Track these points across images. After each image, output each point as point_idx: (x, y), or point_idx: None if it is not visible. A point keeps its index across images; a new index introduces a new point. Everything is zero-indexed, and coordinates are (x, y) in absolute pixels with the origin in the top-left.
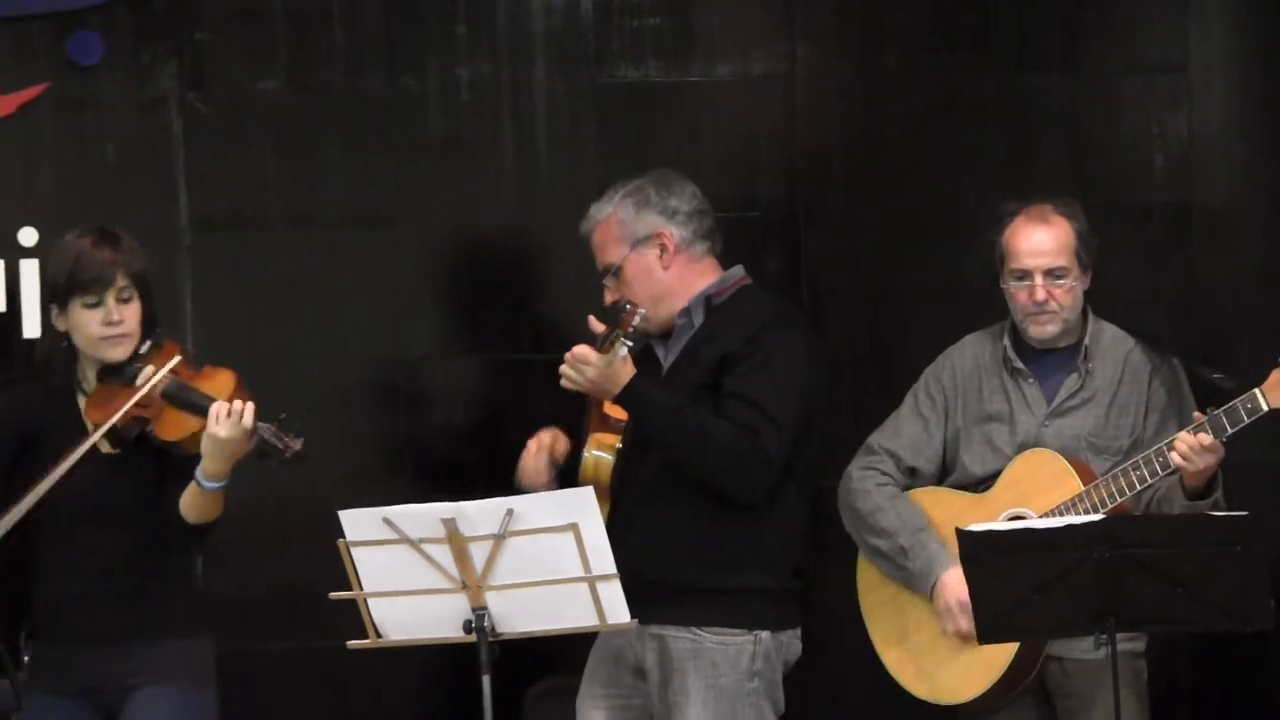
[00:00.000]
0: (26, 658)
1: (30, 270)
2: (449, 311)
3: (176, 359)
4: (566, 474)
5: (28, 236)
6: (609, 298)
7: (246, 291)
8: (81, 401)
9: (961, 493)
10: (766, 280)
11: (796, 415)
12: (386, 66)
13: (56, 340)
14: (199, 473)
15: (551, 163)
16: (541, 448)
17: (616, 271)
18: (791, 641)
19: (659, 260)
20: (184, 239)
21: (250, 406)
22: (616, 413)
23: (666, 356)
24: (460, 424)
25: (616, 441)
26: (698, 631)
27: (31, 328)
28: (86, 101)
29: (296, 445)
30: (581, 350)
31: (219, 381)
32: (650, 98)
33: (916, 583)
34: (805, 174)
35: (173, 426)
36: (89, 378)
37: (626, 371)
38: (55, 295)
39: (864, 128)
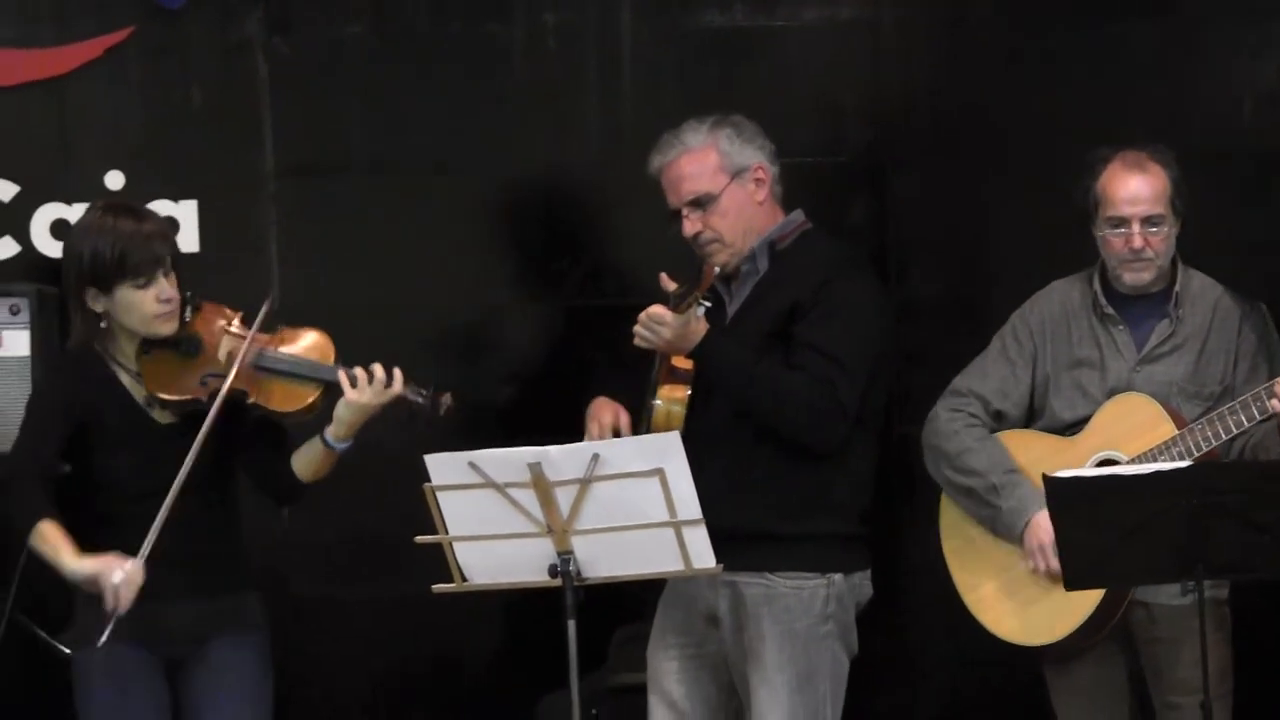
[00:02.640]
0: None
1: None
2: (530, 258)
3: (251, 331)
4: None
5: (114, 180)
6: (689, 229)
7: (330, 237)
8: (125, 378)
9: (1050, 435)
10: (851, 226)
11: (868, 363)
12: (472, 12)
13: (94, 322)
14: (329, 435)
15: (635, 109)
16: (604, 429)
17: (709, 201)
18: (863, 583)
19: (754, 194)
20: (269, 185)
21: (398, 373)
22: (684, 364)
23: (731, 302)
24: (541, 370)
25: (686, 392)
26: (770, 577)
27: None
28: (172, 46)
29: (447, 400)
30: (656, 311)
31: (313, 344)
32: (735, 43)
33: (1007, 521)
34: (891, 120)
35: (284, 398)
36: (126, 353)
37: (700, 329)
38: (96, 279)
39: (950, 73)
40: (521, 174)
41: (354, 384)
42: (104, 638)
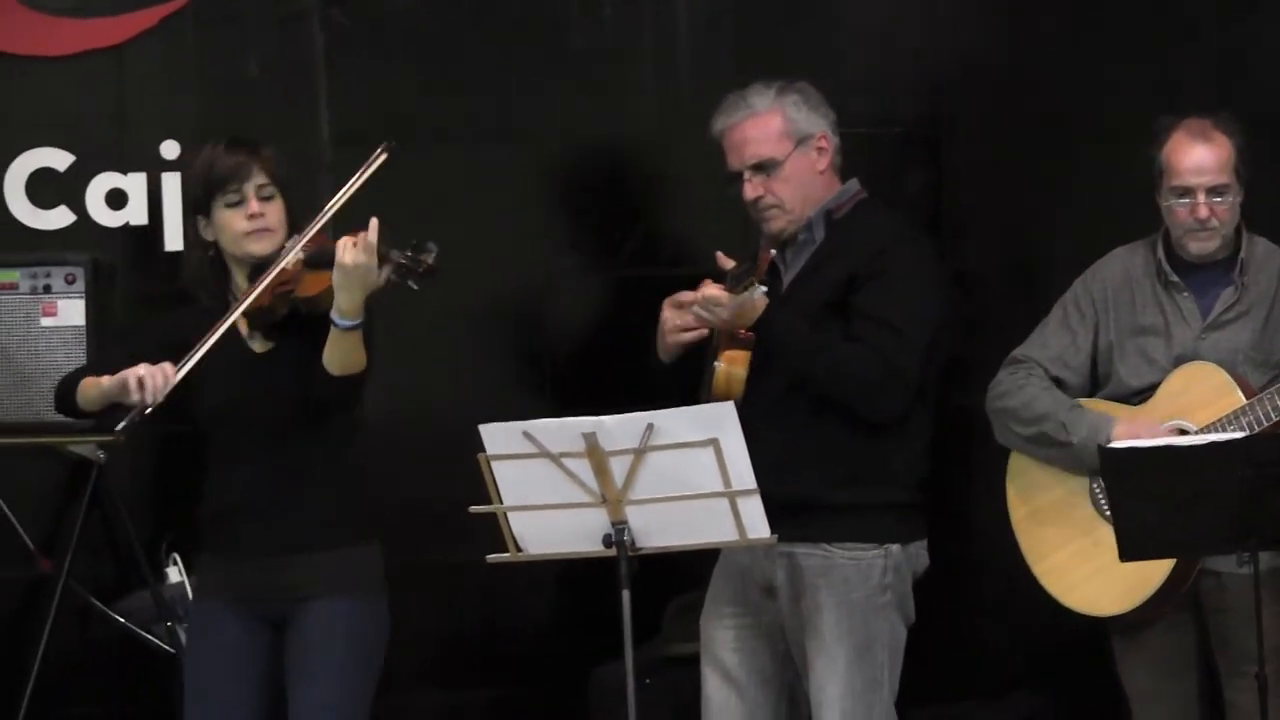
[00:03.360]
0: (169, 568)
1: (172, 183)
2: (585, 226)
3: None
4: (695, 391)
5: (169, 150)
6: (750, 193)
7: (386, 205)
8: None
9: (1118, 404)
10: (906, 197)
11: (927, 333)
12: None
13: (205, 255)
14: (333, 312)
15: (692, 77)
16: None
17: (773, 167)
18: (920, 553)
19: (816, 162)
20: (325, 154)
21: (373, 224)
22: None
23: (787, 271)
24: (596, 339)
25: (746, 358)
26: (828, 548)
27: (173, 240)
28: (228, 15)
29: (429, 259)
30: (713, 293)
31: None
32: (792, 12)
33: (1084, 449)
34: (947, 89)
35: (311, 284)
36: (242, 287)
37: (759, 307)
38: (198, 204)
39: (1005, 41)
40: (576, 142)
41: (344, 249)
42: (117, 432)
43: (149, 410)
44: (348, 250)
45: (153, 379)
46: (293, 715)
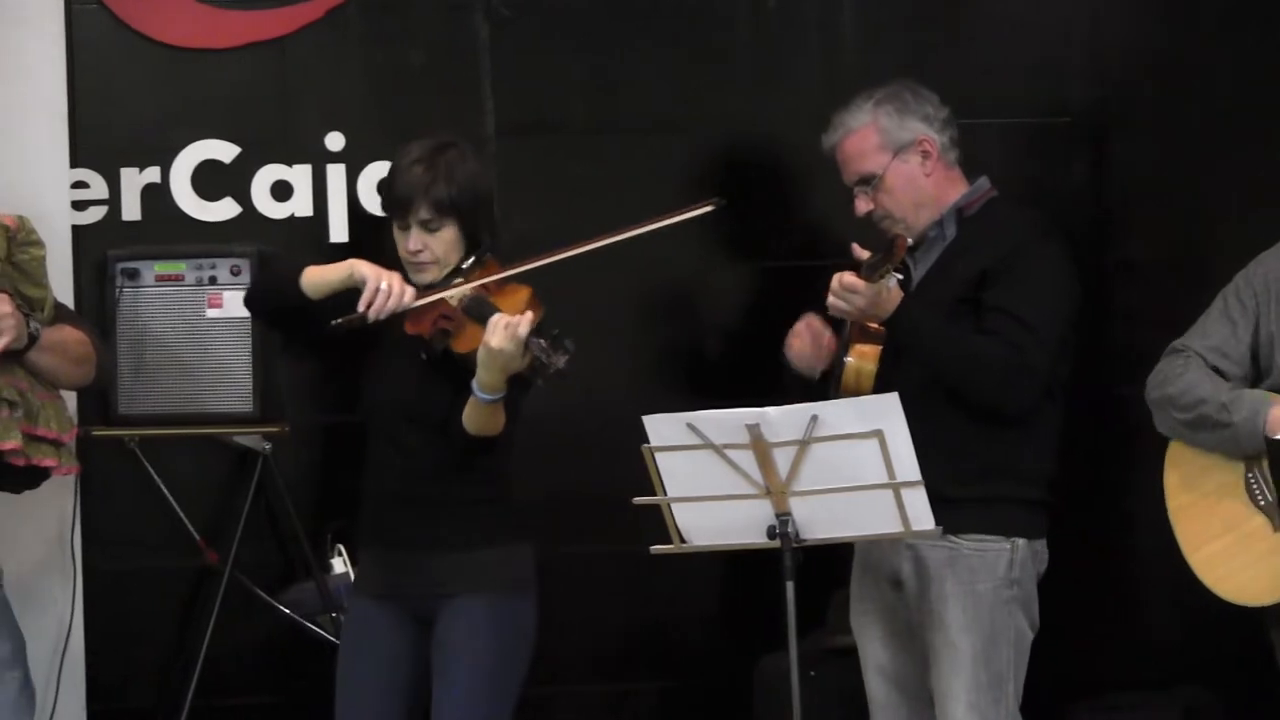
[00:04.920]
0: (334, 559)
1: (337, 175)
2: (746, 219)
3: (481, 280)
4: (819, 388)
5: (334, 141)
6: (862, 207)
7: (550, 196)
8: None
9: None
10: (1071, 187)
11: (1058, 329)
12: None
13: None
14: (475, 383)
15: (859, 68)
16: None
17: (874, 180)
18: (1043, 552)
19: (921, 167)
20: (489, 145)
21: (527, 317)
22: (875, 325)
23: (917, 268)
24: (751, 331)
25: (877, 352)
26: (954, 539)
27: (338, 232)
28: (392, 7)
29: (560, 362)
30: (850, 279)
31: (516, 297)
32: (957, 2)
33: (1245, 431)
34: (1114, 79)
35: (468, 340)
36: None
37: (895, 298)
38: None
39: (1174, 31)
40: (740, 133)
41: (493, 330)
42: (336, 323)
43: (369, 322)
44: (496, 333)
45: (388, 296)
46: (435, 713)
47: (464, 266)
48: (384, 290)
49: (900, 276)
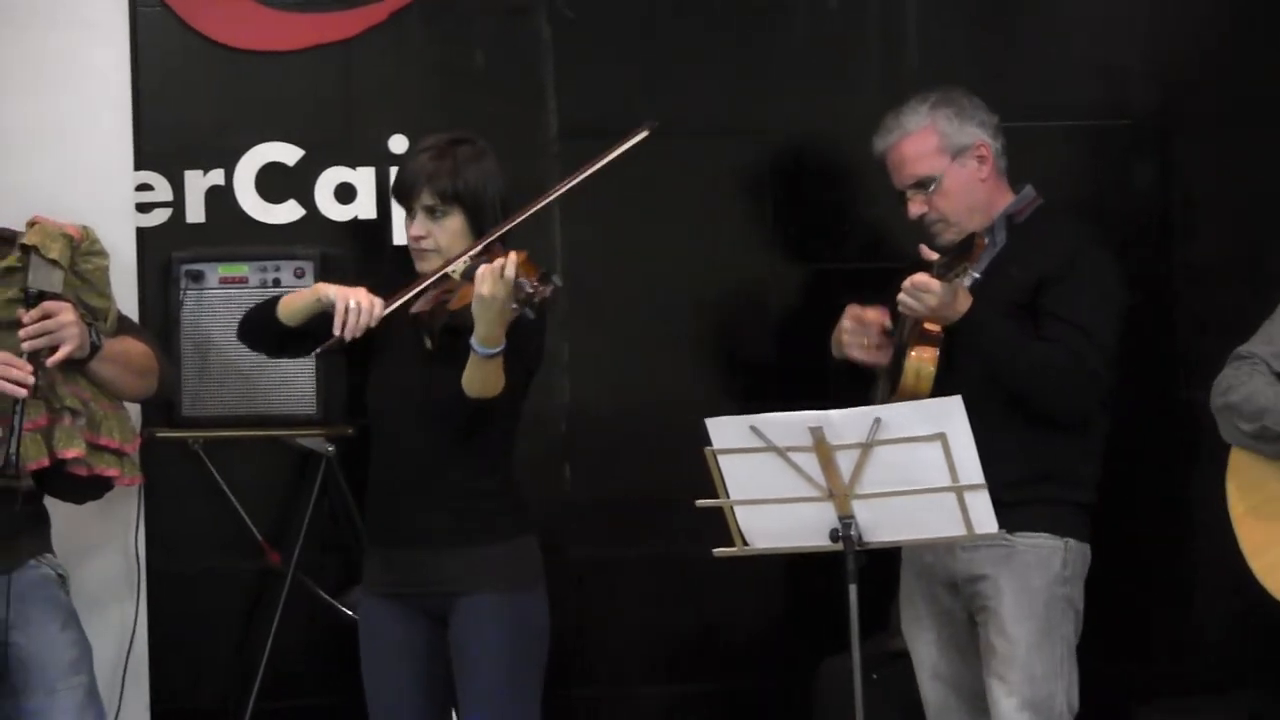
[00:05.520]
0: None
1: None
2: (811, 220)
3: (473, 251)
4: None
5: (397, 144)
6: (915, 211)
7: (612, 198)
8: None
9: None
10: (1133, 189)
11: (1115, 337)
12: None
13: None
14: (473, 339)
15: (919, 71)
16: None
17: (931, 183)
18: (1088, 554)
19: (977, 172)
20: (553, 147)
21: (512, 257)
22: (934, 327)
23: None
24: (816, 333)
25: (935, 354)
26: (1008, 537)
27: (401, 234)
28: (455, 10)
29: (546, 292)
30: (923, 279)
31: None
32: (1020, 4)
33: None
34: (1177, 80)
35: (462, 297)
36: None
37: (966, 300)
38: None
39: (1237, 31)
40: (800, 136)
41: (481, 278)
42: (320, 349)
43: (346, 342)
44: (485, 280)
45: (357, 313)
46: (461, 707)
47: (471, 255)
48: (353, 309)
49: (977, 276)
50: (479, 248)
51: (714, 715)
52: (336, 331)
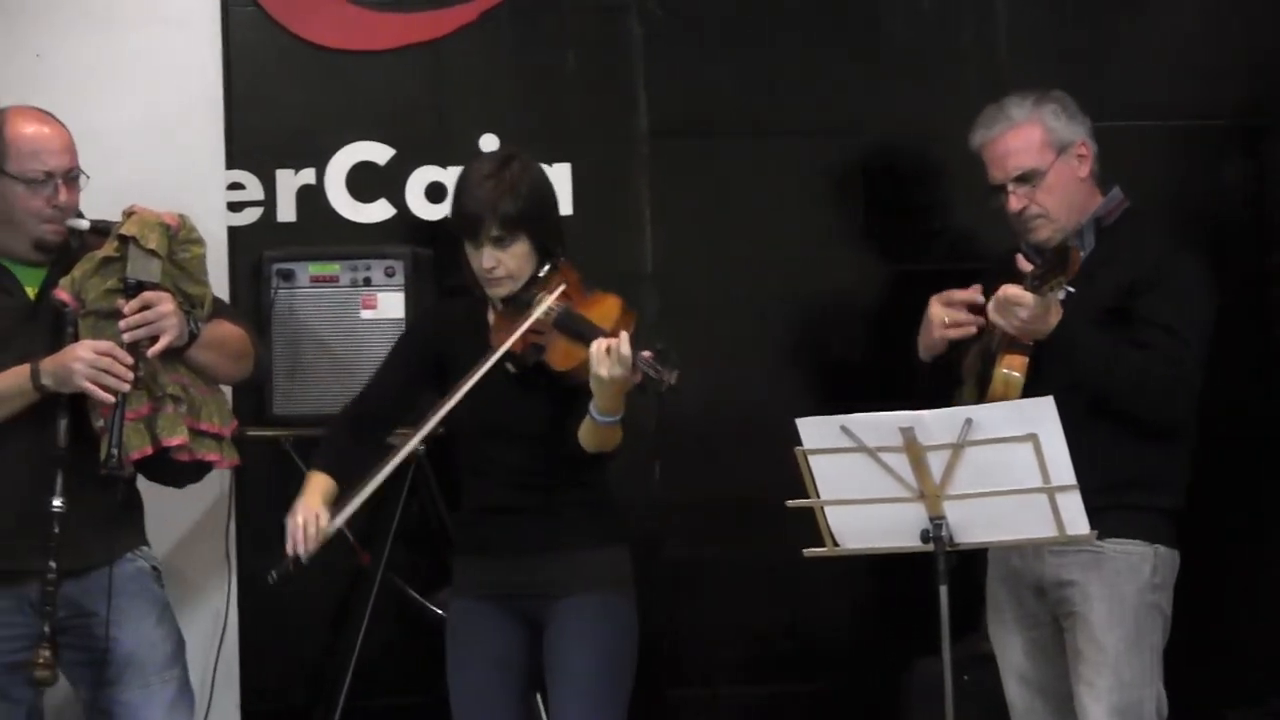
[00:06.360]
0: None
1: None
2: (888, 220)
3: (561, 288)
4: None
5: (488, 143)
6: (1015, 204)
7: (703, 199)
8: (492, 318)
9: None
10: (1225, 190)
11: (1207, 341)
12: None
13: (469, 266)
14: (592, 407)
15: (1012, 71)
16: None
17: (1036, 177)
18: (1177, 561)
19: (1078, 170)
20: (643, 147)
21: (624, 336)
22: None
23: None
24: (904, 335)
25: (1025, 362)
26: (1098, 543)
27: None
28: (546, 9)
29: (671, 379)
30: (1016, 292)
31: (605, 307)
32: (1112, 3)
33: None
34: (1270, 80)
35: (563, 356)
36: (491, 316)
37: (1057, 314)
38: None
39: None
40: (893, 136)
41: (598, 360)
42: (271, 578)
43: (302, 561)
44: (603, 363)
45: (300, 532)
46: (553, 708)
47: (539, 276)
48: (291, 536)
49: (1071, 290)
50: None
51: (803, 716)
52: (290, 551)
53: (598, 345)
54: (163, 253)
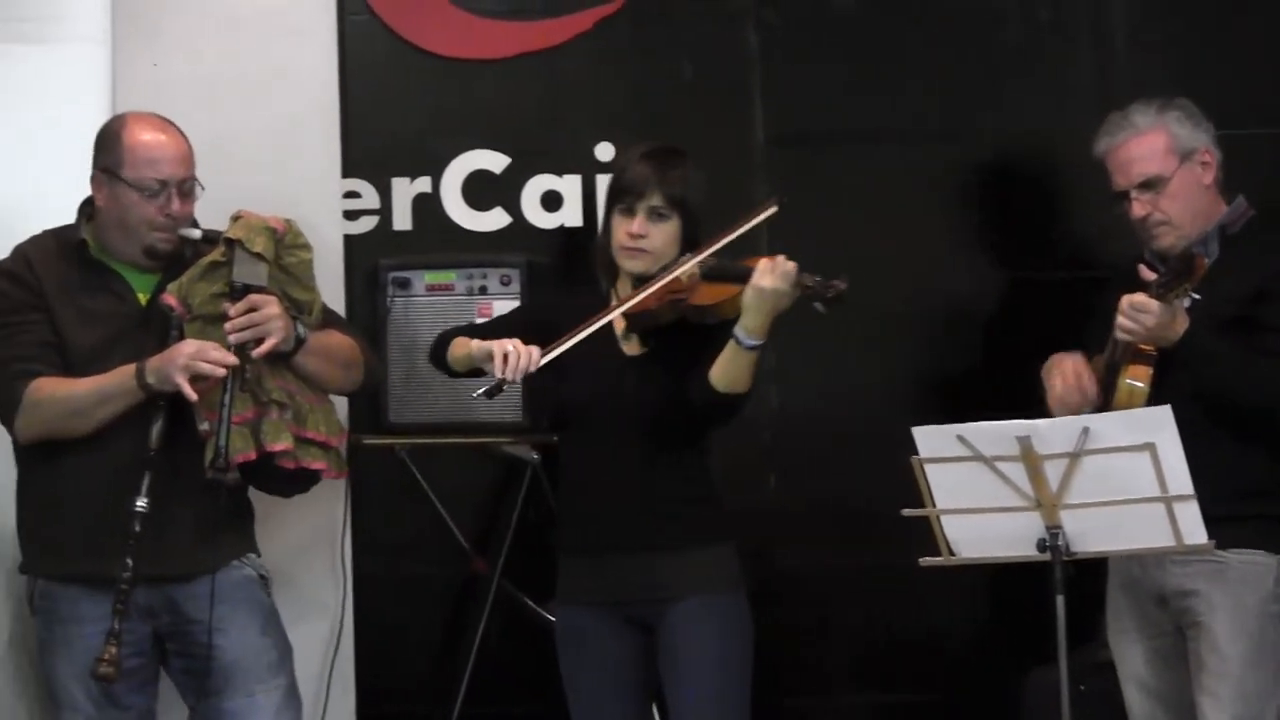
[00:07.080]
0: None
1: (606, 185)
2: (1004, 228)
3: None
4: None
5: (604, 151)
6: (1139, 211)
7: (820, 206)
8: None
9: None
10: None
11: None
12: None
13: (605, 248)
14: (739, 330)
15: (1129, 78)
16: (1068, 375)
17: (1160, 184)
18: None
19: (1202, 177)
20: (759, 155)
21: (793, 264)
22: (1149, 346)
23: None
24: (1017, 342)
25: (1149, 373)
26: (1220, 553)
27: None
28: (662, 18)
29: (841, 285)
30: (1142, 299)
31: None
32: (1226, 10)
33: None
34: None
35: (707, 294)
36: (622, 292)
37: (1184, 321)
38: (607, 201)
39: None
40: (1010, 143)
41: (763, 271)
42: (479, 392)
43: (505, 387)
44: (766, 274)
45: (517, 357)
46: (674, 711)
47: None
48: (511, 353)
49: (1197, 297)
50: (702, 255)
51: None
52: (498, 374)
53: (765, 260)
54: (269, 256)
